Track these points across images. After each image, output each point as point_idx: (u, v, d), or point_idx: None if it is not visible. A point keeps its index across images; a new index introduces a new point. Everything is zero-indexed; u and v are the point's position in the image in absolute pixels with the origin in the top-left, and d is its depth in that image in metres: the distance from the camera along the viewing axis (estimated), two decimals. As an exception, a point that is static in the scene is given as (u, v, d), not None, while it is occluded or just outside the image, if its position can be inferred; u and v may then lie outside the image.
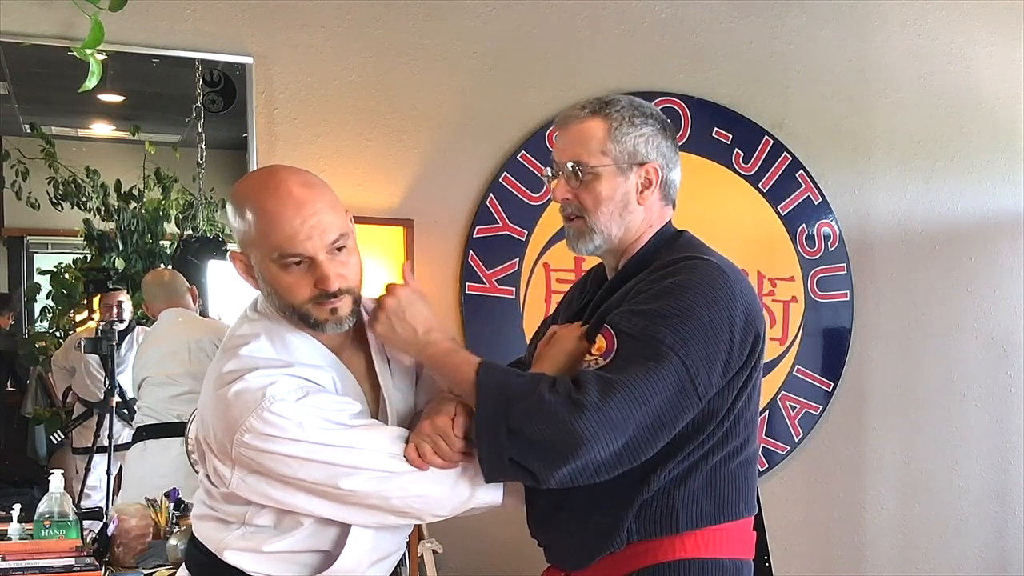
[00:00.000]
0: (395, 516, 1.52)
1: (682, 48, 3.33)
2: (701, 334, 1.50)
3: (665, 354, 1.47)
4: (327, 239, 1.48)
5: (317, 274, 1.48)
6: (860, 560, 3.59)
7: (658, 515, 1.58)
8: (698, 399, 1.51)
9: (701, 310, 1.51)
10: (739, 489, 1.63)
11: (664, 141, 1.69)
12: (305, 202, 1.46)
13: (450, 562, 2.98)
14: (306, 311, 1.51)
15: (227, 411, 1.46)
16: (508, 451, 1.46)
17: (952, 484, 3.68)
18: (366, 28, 3.00)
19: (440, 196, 3.07)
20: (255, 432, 1.43)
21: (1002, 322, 3.72)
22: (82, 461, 2.84)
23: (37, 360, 2.94)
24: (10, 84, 2.81)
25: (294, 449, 1.44)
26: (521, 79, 3.13)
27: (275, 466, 1.45)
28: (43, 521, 2.33)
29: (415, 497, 1.50)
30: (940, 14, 3.62)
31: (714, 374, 1.52)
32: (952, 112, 3.64)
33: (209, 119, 2.91)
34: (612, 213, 1.66)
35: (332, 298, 1.49)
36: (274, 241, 1.46)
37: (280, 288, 1.50)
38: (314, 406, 1.46)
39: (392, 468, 1.48)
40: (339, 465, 1.45)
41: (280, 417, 1.43)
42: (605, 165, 1.65)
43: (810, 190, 3.44)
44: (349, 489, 1.46)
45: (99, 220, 2.95)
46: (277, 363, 1.50)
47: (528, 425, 1.45)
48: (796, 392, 3.44)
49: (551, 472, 1.46)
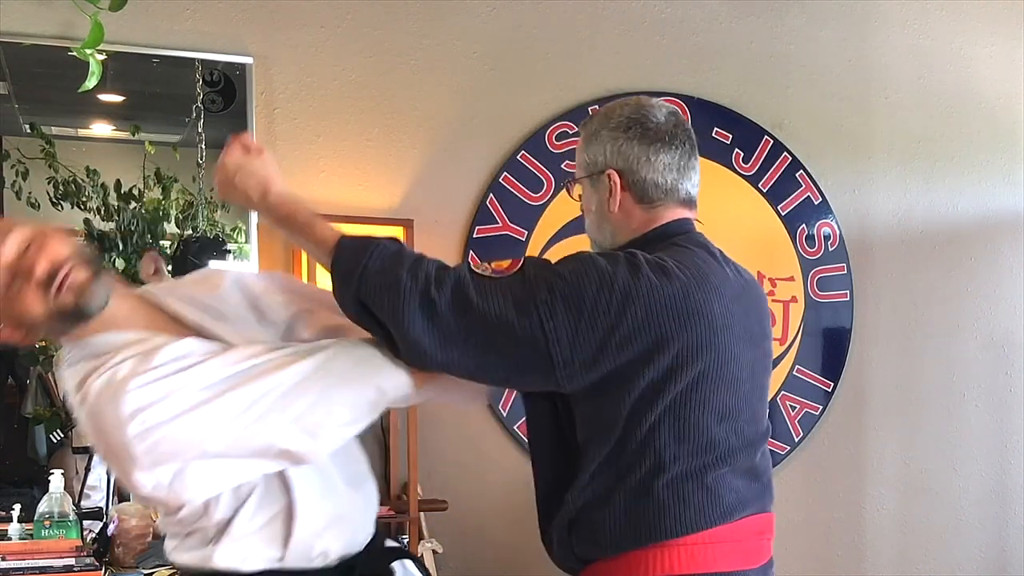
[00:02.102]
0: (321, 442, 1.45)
1: (682, 48, 3.33)
2: (576, 307, 1.44)
3: (530, 309, 1.43)
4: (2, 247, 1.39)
5: (25, 271, 1.39)
6: (860, 560, 3.59)
7: (585, 537, 1.54)
8: (553, 369, 1.45)
9: (588, 285, 1.45)
10: (677, 506, 1.51)
11: (628, 142, 1.63)
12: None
13: (450, 562, 2.98)
14: (55, 308, 1.41)
15: (99, 423, 1.38)
16: (359, 318, 1.46)
17: (952, 484, 3.68)
18: (366, 28, 3.00)
19: (440, 196, 3.07)
20: (133, 419, 1.34)
21: (1002, 322, 3.72)
22: (82, 461, 2.84)
23: (37, 360, 2.94)
24: (10, 84, 2.81)
25: (176, 407, 1.35)
26: (521, 79, 3.13)
27: (175, 439, 1.36)
28: (43, 521, 2.33)
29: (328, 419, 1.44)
30: (940, 14, 3.62)
31: (579, 353, 1.44)
32: (952, 112, 3.64)
33: (209, 119, 2.91)
34: (592, 222, 1.70)
35: (55, 279, 1.39)
36: None
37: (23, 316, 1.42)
38: (162, 359, 1.38)
39: (284, 380, 1.40)
40: (231, 401, 1.37)
41: (141, 387, 1.35)
42: (581, 177, 1.69)
43: (810, 190, 3.45)
44: (262, 422, 1.38)
45: (99, 220, 2.95)
46: (106, 359, 1.41)
47: (377, 304, 1.43)
48: (796, 392, 3.44)
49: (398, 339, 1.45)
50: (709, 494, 1.54)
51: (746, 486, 1.60)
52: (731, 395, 1.56)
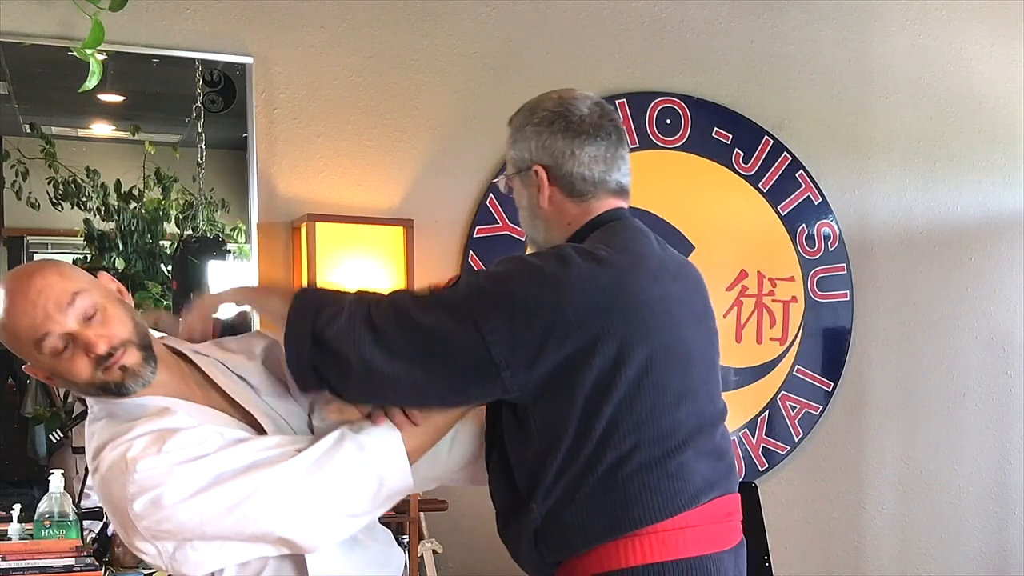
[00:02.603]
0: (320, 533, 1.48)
1: (682, 48, 3.33)
2: (509, 307, 1.44)
3: (465, 315, 1.44)
4: (63, 305, 1.42)
5: (83, 344, 1.43)
6: (860, 560, 3.59)
7: (554, 541, 1.52)
8: (498, 373, 1.44)
9: (520, 285, 1.45)
10: (644, 495, 1.49)
11: (552, 136, 1.62)
12: (30, 286, 1.42)
13: (450, 562, 2.98)
14: (100, 381, 1.46)
15: (109, 495, 1.44)
16: (310, 355, 1.46)
17: (952, 484, 3.68)
18: (366, 28, 3.00)
19: (440, 196, 3.07)
20: (140, 499, 1.40)
21: (1002, 322, 3.72)
22: (82, 461, 2.84)
23: (37, 360, 2.94)
24: (10, 84, 2.81)
25: (180, 494, 1.40)
26: (521, 79, 3.12)
27: (179, 522, 1.41)
28: (43, 521, 2.33)
29: (323, 505, 1.47)
30: (940, 14, 3.62)
31: (521, 353, 1.43)
32: (952, 112, 3.64)
33: (209, 119, 2.91)
34: (525, 220, 1.71)
35: (111, 358, 1.44)
36: (25, 336, 1.42)
37: (68, 377, 1.46)
38: (176, 446, 1.42)
39: (287, 472, 1.44)
40: (233, 492, 1.42)
41: (149, 471, 1.40)
42: (510, 176, 1.70)
43: (810, 190, 3.44)
44: (256, 516, 1.42)
45: (99, 220, 2.95)
46: (123, 430, 1.46)
47: (327, 332, 1.44)
48: (796, 392, 3.44)
49: (339, 383, 1.47)
50: (675, 480, 1.52)
51: (710, 468, 1.56)
52: (684, 376, 1.54)
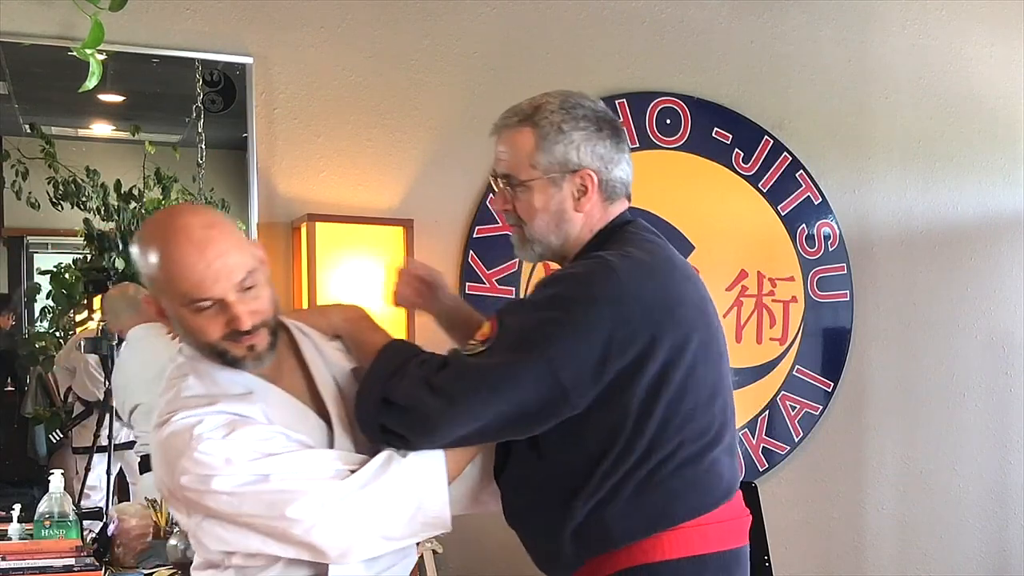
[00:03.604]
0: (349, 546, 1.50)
1: (682, 48, 3.33)
2: (570, 331, 1.45)
3: (527, 348, 1.45)
4: (234, 280, 1.45)
5: (229, 314, 1.46)
6: (860, 560, 3.59)
7: (593, 537, 1.54)
8: (566, 398, 1.46)
9: (575, 307, 1.46)
10: (686, 491, 1.54)
11: (601, 142, 1.60)
12: (208, 245, 1.44)
13: (450, 562, 2.97)
14: (222, 348, 1.50)
15: (164, 456, 1.48)
16: (380, 417, 1.50)
17: (952, 484, 3.68)
18: (366, 28, 3.00)
19: (440, 196, 3.07)
20: (191, 474, 1.44)
21: (1002, 322, 3.72)
22: (82, 461, 2.84)
23: (37, 360, 2.94)
24: (10, 84, 2.81)
25: (230, 483, 1.44)
26: (521, 79, 3.12)
27: (218, 506, 1.45)
28: (43, 521, 2.33)
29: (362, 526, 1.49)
30: (940, 14, 3.62)
31: (585, 374, 1.46)
32: (952, 112, 3.64)
33: (209, 119, 2.91)
34: (548, 223, 1.62)
35: (247, 335, 1.48)
36: (181, 287, 1.44)
37: (193, 330, 1.49)
38: (244, 438, 1.46)
39: (336, 489, 1.46)
40: (279, 492, 1.44)
41: (208, 455, 1.43)
42: (535, 178, 1.60)
43: (810, 190, 3.44)
44: (295, 517, 1.44)
45: (99, 220, 2.94)
46: (203, 400, 1.50)
47: (394, 395, 1.49)
48: (796, 392, 3.44)
49: (416, 441, 1.50)
50: (710, 475, 1.56)
51: (731, 464, 1.62)
52: (716, 372, 1.59)
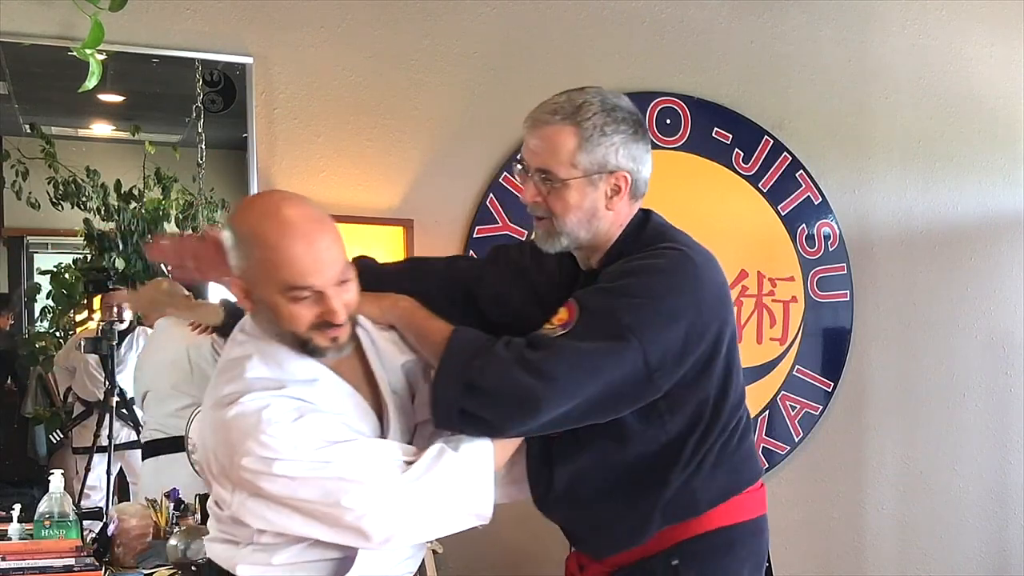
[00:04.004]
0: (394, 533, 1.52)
1: (682, 48, 3.33)
2: (661, 319, 1.53)
3: (623, 334, 1.50)
4: (335, 273, 1.51)
5: (325, 306, 1.50)
6: (860, 560, 3.59)
7: (680, 506, 1.65)
8: (651, 381, 1.53)
9: (664, 296, 1.55)
10: (747, 460, 1.73)
11: (635, 144, 1.65)
12: (315, 238, 1.49)
13: (450, 562, 2.97)
14: (308, 338, 1.53)
15: (226, 436, 1.48)
16: (461, 402, 1.51)
17: (952, 484, 3.68)
18: (366, 28, 3.00)
19: (440, 196, 3.07)
20: (253, 456, 1.45)
21: (1002, 322, 3.72)
22: (82, 461, 2.84)
23: (37, 360, 2.94)
24: (10, 84, 2.81)
25: (291, 469, 1.45)
26: (521, 79, 3.12)
27: (273, 488, 1.46)
28: (43, 521, 2.33)
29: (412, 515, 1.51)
30: (940, 14, 3.62)
31: (670, 360, 1.54)
32: (952, 112, 3.64)
33: (209, 119, 2.91)
34: (580, 220, 1.66)
35: (335, 327, 1.53)
36: (284, 275, 1.48)
37: (284, 317, 1.51)
38: (310, 425, 1.48)
39: (393, 480, 1.49)
40: (338, 480, 1.46)
41: (276, 439, 1.45)
42: (574, 177, 1.63)
43: (810, 190, 3.44)
44: (349, 506, 1.46)
45: (99, 220, 2.95)
46: (271, 384, 1.52)
47: (481, 378, 1.50)
48: (796, 392, 3.44)
49: (502, 425, 1.52)
50: (754, 446, 1.79)
51: None
52: None
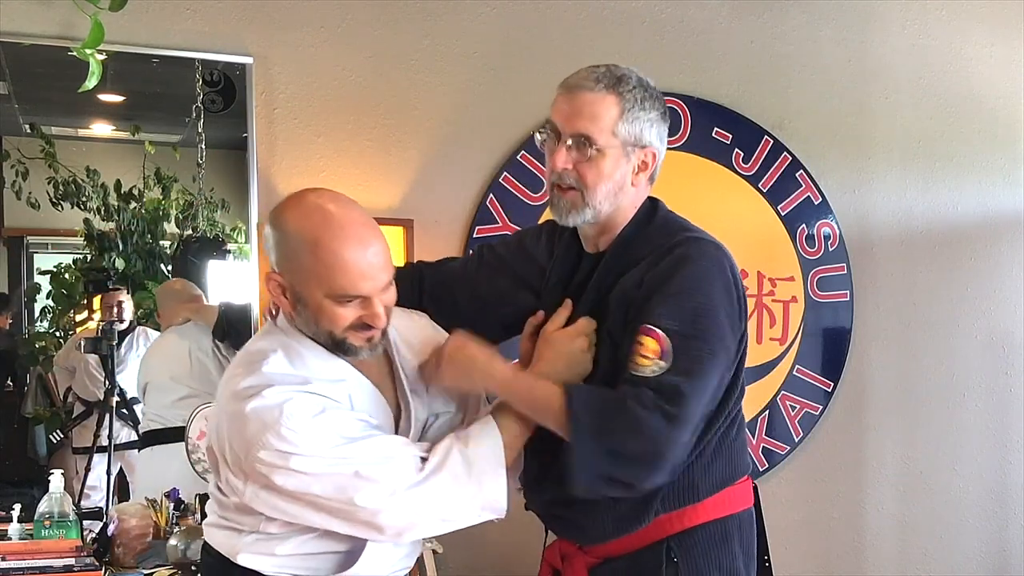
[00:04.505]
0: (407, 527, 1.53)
1: (682, 48, 3.33)
2: (727, 322, 1.61)
3: (715, 351, 1.58)
4: (383, 280, 1.53)
5: (369, 311, 1.52)
6: (860, 560, 3.59)
7: (680, 492, 1.68)
8: (728, 371, 1.65)
9: (722, 300, 1.61)
10: (742, 450, 1.78)
11: (663, 125, 1.72)
12: (370, 242, 1.51)
13: (450, 562, 2.97)
14: (343, 338, 1.54)
15: (244, 427, 1.48)
16: (606, 470, 1.52)
17: (952, 484, 3.68)
18: (366, 28, 2.99)
19: (440, 196, 3.07)
20: (271, 449, 1.45)
21: (1002, 322, 3.72)
22: (82, 461, 2.84)
23: (37, 360, 2.94)
24: (10, 84, 2.81)
25: (308, 465, 1.45)
26: (521, 79, 3.12)
27: (288, 483, 1.46)
28: (43, 521, 2.33)
29: (425, 511, 1.51)
30: (940, 14, 3.62)
31: (732, 350, 1.65)
32: (952, 112, 3.64)
33: (209, 119, 2.91)
34: (609, 192, 1.66)
35: (374, 330, 1.55)
36: (337, 280, 1.49)
37: (325, 318, 1.52)
38: (330, 422, 1.49)
39: (408, 479, 1.49)
40: (354, 477, 1.46)
41: (295, 433, 1.45)
42: (613, 146, 1.64)
43: (810, 190, 3.44)
44: (363, 505, 1.46)
45: (99, 220, 2.95)
46: (295, 379, 1.52)
47: (626, 444, 1.51)
48: (796, 392, 3.44)
49: (642, 481, 1.55)
50: (746, 438, 1.82)
51: None
52: None
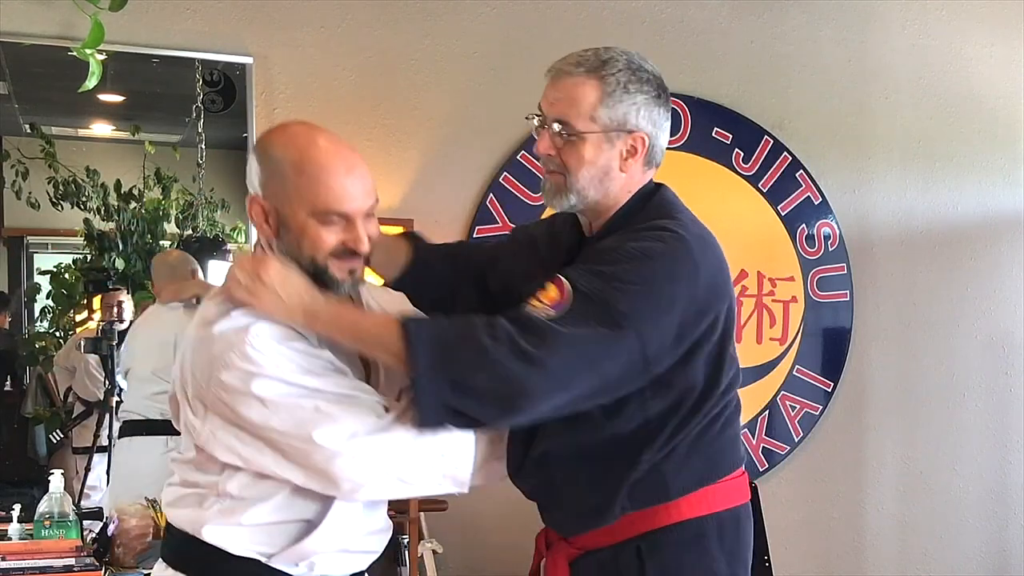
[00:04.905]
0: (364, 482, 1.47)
1: (682, 48, 3.33)
2: (656, 307, 1.49)
3: (620, 323, 1.46)
4: (367, 202, 1.54)
5: (351, 234, 1.51)
6: (860, 560, 3.59)
7: (648, 490, 1.58)
8: (647, 370, 1.50)
9: (661, 283, 1.50)
10: (726, 449, 1.65)
11: (656, 108, 1.62)
12: (355, 164, 1.54)
13: (450, 562, 2.98)
14: (326, 266, 1.52)
15: (209, 349, 1.45)
16: (450, 402, 1.44)
17: (952, 484, 3.68)
18: (366, 28, 3.00)
19: (440, 196, 3.07)
20: (234, 368, 1.42)
21: (1002, 322, 3.72)
22: (82, 461, 2.84)
23: (37, 360, 2.94)
24: (10, 84, 2.81)
25: (269, 389, 1.41)
26: (521, 79, 3.11)
27: (249, 413, 1.42)
28: (43, 521, 2.33)
29: (384, 465, 1.46)
30: (940, 14, 3.62)
31: (665, 347, 1.50)
32: (952, 112, 3.64)
33: (209, 119, 2.91)
34: (592, 177, 1.61)
35: (353, 258, 1.53)
36: (322, 196, 1.49)
37: (308, 240, 1.51)
38: (295, 350, 1.46)
39: (368, 423, 1.44)
40: (314, 412, 1.42)
41: (260, 354, 1.42)
42: (593, 131, 1.59)
43: (810, 190, 3.44)
44: (321, 443, 1.41)
45: (99, 220, 2.95)
46: (263, 316, 1.50)
47: (471, 375, 1.43)
48: (796, 392, 3.44)
49: (494, 420, 1.49)
50: (739, 434, 1.70)
51: None
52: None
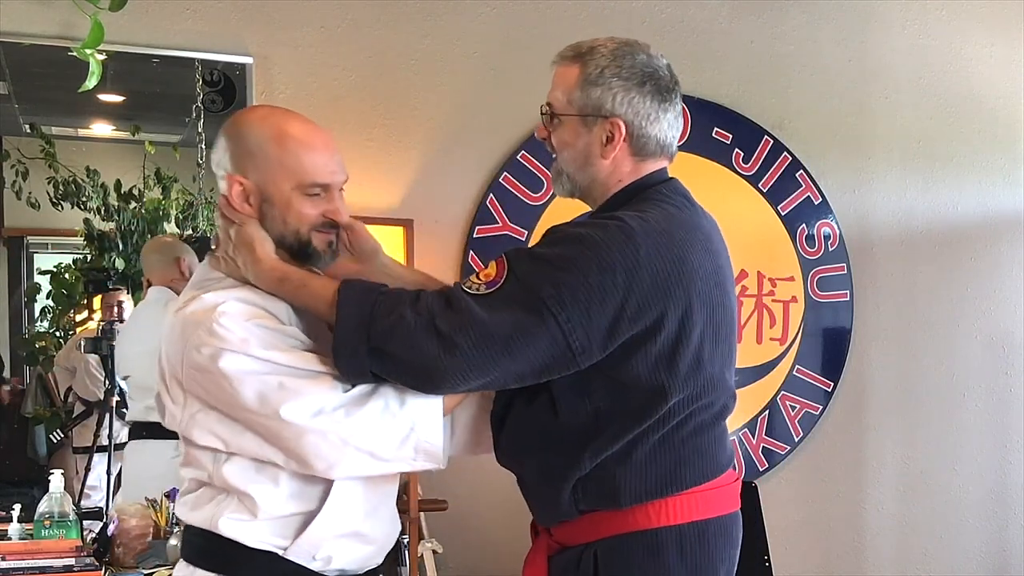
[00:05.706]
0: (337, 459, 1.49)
1: (682, 48, 3.33)
2: (584, 295, 1.45)
3: (540, 309, 1.44)
4: (343, 176, 1.64)
5: (330, 206, 1.60)
6: (860, 560, 3.59)
7: (598, 491, 1.56)
8: (573, 358, 1.47)
9: (591, 270, 1.45)
10: (695, 457, 1.57)
11: (640, 96, 1.59)
12: (329, 139, 1.63)
13: (450, 562, 2.98)
14: (308, 239, 1.59)
15: (181, 331, 1.50)
16: (368, 365, 1.47)
17: (952, 484, 3.68)
18: (366, 28, 3.00)
19: (440, 196, 3.07)
20: (203, 345, 1.46)
21: (1002, 322, 3.72)
22: (82, 461, 2.84)
23: (37, 360, 2.94)
24: (10, 84, 2.81)
25: (235, 364, 1.44)
26: (521, 79, 3.12)
27: (219, 389, 1.46)
28: (43, 521, 2.33)
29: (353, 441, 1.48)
30: (940, 14, 3.62)
31: (595, 337, 1.46)
32: (952, 112, 3.64)
33: (209, 119, 2.91)
34: (574, 161, 1.64)
35: (332, 229, 1.61)
36: (308, 168, 1.57)
37: (292, 212, 1.57)
38: (262, 327, 1.49)
39: (334, 397, 1.47)
40: (279, 388, 1.45)
41: (226, 330, 1.45)
42: (569, 114, 1.62)
43: (810, 190, 3.44)
44: (288, 419, 1.44)
45: (99, 220, 2.95)
46: (230, 284, 1.57)
47: (389, 344, 1.45)
48: (796, 392, 3.44)
49: (417, 388, 1.50)
50: (717, 444, 1.61)
51: (726, 433, 1.67)
52: (729, 345, 1.64)
